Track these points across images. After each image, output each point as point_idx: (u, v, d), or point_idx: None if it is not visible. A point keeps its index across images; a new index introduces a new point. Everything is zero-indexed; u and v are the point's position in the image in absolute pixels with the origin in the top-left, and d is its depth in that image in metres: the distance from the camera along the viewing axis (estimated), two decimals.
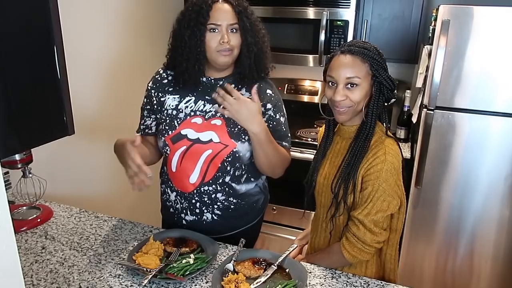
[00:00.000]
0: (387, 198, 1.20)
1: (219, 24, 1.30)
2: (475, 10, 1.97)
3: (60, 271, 1.24)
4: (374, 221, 1.20)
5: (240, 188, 1.45)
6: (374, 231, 1.21)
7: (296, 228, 2.69)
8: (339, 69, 1.20)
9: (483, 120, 2.09)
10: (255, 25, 1.37)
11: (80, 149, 2.09)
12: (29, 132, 0.91)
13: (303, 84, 2.97)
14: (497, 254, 2.24)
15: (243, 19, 1.33)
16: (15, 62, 0.87)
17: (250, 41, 1.34)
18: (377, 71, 1.20)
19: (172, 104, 1.42)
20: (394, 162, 1.20)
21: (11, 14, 0.84)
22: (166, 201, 1.53)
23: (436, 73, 2.06)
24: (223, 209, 1.45)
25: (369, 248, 1.22)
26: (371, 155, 1.21)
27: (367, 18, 2.48)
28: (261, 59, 1.39)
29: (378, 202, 1.19)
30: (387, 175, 1.18)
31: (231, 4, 1.32)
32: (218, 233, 1.47)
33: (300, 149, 2.49)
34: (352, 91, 1.20)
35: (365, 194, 1.21)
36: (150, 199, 2.75)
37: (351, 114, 1.24)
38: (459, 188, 2.21)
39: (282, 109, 1.47)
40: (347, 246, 1.24)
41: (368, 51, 1.20)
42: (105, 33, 2.22)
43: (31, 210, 1.56)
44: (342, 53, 1.21)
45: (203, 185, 1.41)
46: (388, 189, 1.19)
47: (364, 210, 1.20)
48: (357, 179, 1.22)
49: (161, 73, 1.47)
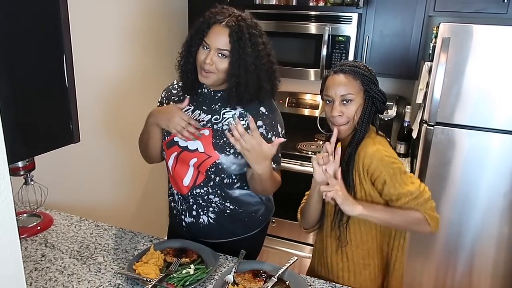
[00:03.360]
0: (402, 168, 1.25)
1: (210, 44, 1.30)
2: (475, 29, 2.01)
3: (60, 280, 1.23)
4: (411, 193, 1.23)
5: (233, 192, 1.47)
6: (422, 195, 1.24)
7: (295, 242, 2.68)
8: (334, 87, 1.28)
9: (483, 137, 2.10)
10: (250, 56, 1.30)
11: (83, 157, 2.09)
12: (35, 138, 0.92)
13: (304, 98, 2.99)
14: (496, 271, 2.24)
15: (234, 49, 1.28)
16: (25, 70, 0.88)
17: (233, 73, 1.30)
18: (368, 86, 1.28)
19: None
20: (382, 142, 1.29)
21: (22, 23, 0.86)
22: (171, 203, 1.57)
23: (436, 90, 2.09)
24: (218, 212, 1.47)
25: (433, 211, 1.26)
26: (361, 150, 1.26)
27: (369, 34, 2.52)
28: (245, 90, 1.32)
29: (403, 182, 1.23)
30: (387, 157, 1.24)
31: (230, 30, 1.29)
32: (215, 237, 1.49)
33: (301, 162, 2.50)
34: (348, 107, 1.28)
35: (390, 188, 1.23)
36: (151, 209, 2.75)
37: (348, 130, 1.30)
38: (458, 204, 2.22)
39: (276, 129, 1.41)
40: (430, 221, 1.24)
41: (358, 68, 1.29)
42: (112, 44, 2.25)
43: (31, 217, 1.56)
44: (335, 73, 1.30)
45: (196, 187, 1.44)
46: (397, 162, 1.25)
47: (402, 198, 1.23)
48: (360, 178, 1.26)
49: (173, 84, 1.54)
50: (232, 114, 1.40)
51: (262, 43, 1.33)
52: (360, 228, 1.31)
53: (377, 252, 1.34)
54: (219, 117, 1.41)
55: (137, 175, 2.55)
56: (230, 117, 1.40)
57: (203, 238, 1.48)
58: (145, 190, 2.68)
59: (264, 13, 2.58)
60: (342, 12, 2.48)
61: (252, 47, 1.30)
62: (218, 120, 1.40)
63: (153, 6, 2.55)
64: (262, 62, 1.33)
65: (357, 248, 1.33)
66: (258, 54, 1.32)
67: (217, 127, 1.39)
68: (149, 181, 2.68)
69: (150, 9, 2.54)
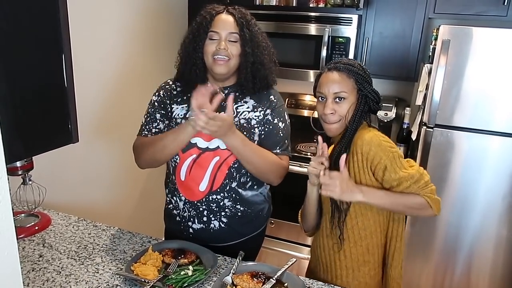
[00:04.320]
0: (399, 152, 1.24)
1: (219, 32, 1.35)
2: (475, 31, 2.01)
3: (57, 280, 1.22)
4: (411, 175, 1.22)
5: (246, 193, 1.47)
6: (422, 178, 1.23)
7: (294, 243, 2.68)
8: (327, 85, 1.28)
9: (482, 139, 2.11)
10: (256, 37, 1.39)
11: (81, 157, 2.09)
12: (34, 138, 0.91)
13: (303, 99, 2.99)
14: (495, 273, 2.24)
15: (244, 30, 1.36)
16: (23, 69, 0.88)
17: (248, 52, 1.36)
18: (361, 85, 1.28)
19: (181, 113, 1.44)
20: (377, 133, 1.28)
21: (21, 22, 0.85)
22: (172, 210, 1.53)
23: (436, 92, 2.09)
24: (230, 216, 1.46)
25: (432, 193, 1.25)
26: (358, 139, 1.25)
27: (368, 35, 2.51)
28: (259, 70, 1.39)
29: (402, 166, 1.22)
30: (385, 142, 1.24)
31: (233, 15, 1.37)
32: (224, 241, 1.48)
33: (299, 163, 2.50)
34: (340, 105, 1.28)
35: (391, 173, 1.22)
36: (149, 209, 2.75)
37: (340, 127, 1.30)
38: (457, 206, 2.22)
39: (283, 115, 1.47)
40: (432, 204, 1.24)
41: (352, 67, 1.29)
42: (112, 43, 2.25)
43: (29, 217, 1.55)
44: (329, 70, 1.30)
45: (212, 193, 1.43)
46: (394, 147, 1.24)
47: (403, 182, 1.22)
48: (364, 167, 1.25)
49: (170, 84, 1.51)
50: (246, 107, 1.42)
51: (260, 27, 1.44)
52: (358, 223, 1.30)
53: (376, 248, 1.33)
54: (234, 113, 1.41)
55: (136, 175, 2.54)
56: (245, 110, 1.42)
57: (213, 243, 1.46)
58: (144, 190, 2.67)
59: (264, 13, 2.58)
60: (342, 13, 2.47)
61: (256, 28, 1.40)
62: (233, 116, 1.40)
63: (153, 5, 2.55)
64: (267, 42, 1.43)
65: (355, 244, 1.32)
66: (262, 34, 1.42)
67: (235, 122, 1.38)
68: (147, 181, 2.68)
69: (150, 9, 2.53)
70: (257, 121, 1.43)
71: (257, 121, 1.43)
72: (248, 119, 1.42)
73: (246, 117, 1.42)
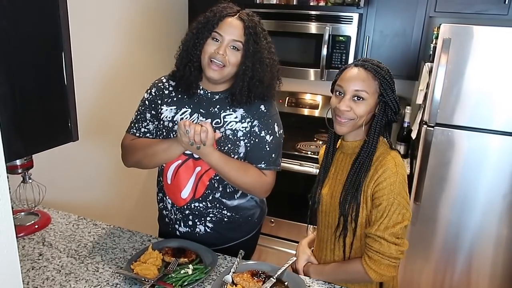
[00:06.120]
0: (402, 210, 1.19)
1: (223, 35, 1.28)
2: (476, 30, 2.01)
3: (57, 279, 1.22)
4: (394, 233, 1.18)
5: (232, 202, 1.44)
6: (397, 242, 1.18)
7: (294, 241, 2.67)
8: (350, 80, 1.22)
9: (482, 138, 2.10)
10: (261, 52, 1.31)
11: (81, 156, 2.09)
12: (34, 137, 0.91)
13: (303, 98, 2.98)
14: (495, 272, 2.24)
15: (249, 41, 1.28)
16: (23, 68, 0.88)
17: (248, 65, 1.29)
18: (385, 90, 1.22)
19: (169, 116, 1.41)
20: (404, 174, 1.21)
21: (21, 21, 0.85)
22: (163, 210, 1.52)
23: (436, 90, 2.08)
24: (215, 221, 1.44)
25: (395, 261, 1.19)
26: (380, 168, 1.20)
27: (369, 34, 2.51)
28: (256, 87, 1.32)
29: (394, 216, 1.18)
30: (400, 187, 1.19)
31: (244, 22, 1.29)
32: (213, 245, 1.44)
33: (300, 162, 2.49)
34: (358, 104, 1.22)
35: (380, 210, 1.19)
36: (149, 208, 2.74)
37: (351, 127, 1.25)
38: (457, 205, 2.21)
39: (272, 127, 1.38)
40: (372, 265, 1.19)
41: (380, 69, 1.23)
42: (111, 41, 2.24)
43: (29, 216, 1.55)
44: (356, 66, 1.24)
45: (194, 201, 1.41)
46: (402, 201, 1.19)
47: (381, 225, 1.18)
48: (366, 195, 1.21)
49: (163, 82, 1.45)
50: (234, 117, 1.36)
51: (270, 41, 1.35)
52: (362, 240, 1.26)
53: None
54: (220, 121, 1.36)
55: (136, 173, 2.53)
56: (232, 120, 1.36)
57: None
58: (144, 189, 2.67)
59: (265, 12, 2.56)
60: (343, 12, 2.47)
61: (265, 42, 1.32)
62: (219, 125, 1.36)
63: (153, 4, 2.54)
64: (274, 58, 1.35)
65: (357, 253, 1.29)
66: (270, 49, 1.34)
67: (220, 132, 1.33)
68: (148, 180, 2.67)
69: (150, 7, 2.53)
70: (244, 133, 1.37)
71: (244, 133, 1.37)
72: (234, 130, 1.36)
73: (232, 128, 1.36)
